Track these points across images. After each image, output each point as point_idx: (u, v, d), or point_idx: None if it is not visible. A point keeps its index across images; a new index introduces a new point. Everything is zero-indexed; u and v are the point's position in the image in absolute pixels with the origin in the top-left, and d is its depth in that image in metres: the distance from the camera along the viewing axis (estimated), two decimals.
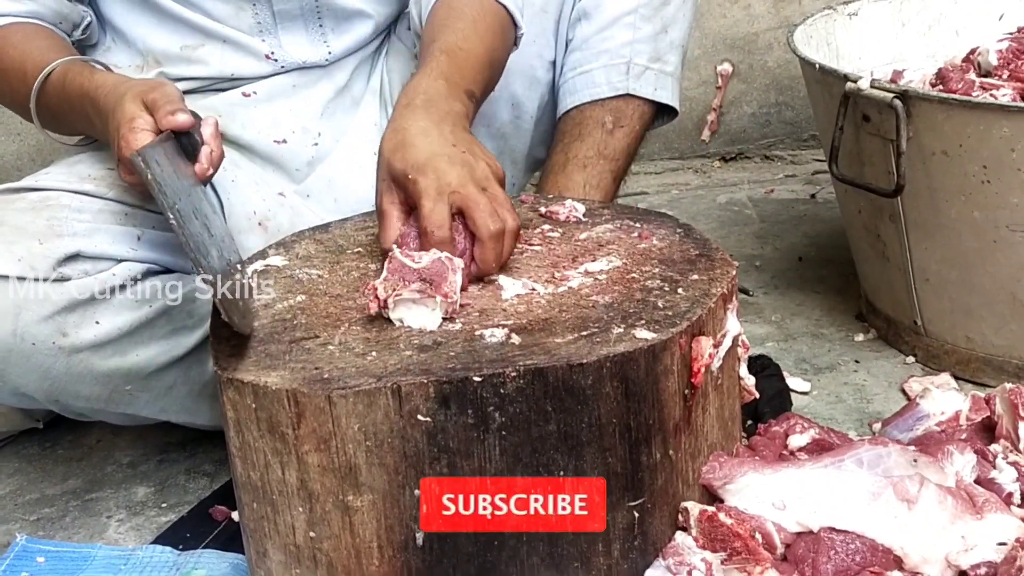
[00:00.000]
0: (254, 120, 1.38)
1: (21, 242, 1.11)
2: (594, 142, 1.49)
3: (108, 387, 1.19)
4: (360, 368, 0.95)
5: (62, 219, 1.15)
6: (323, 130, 1.41)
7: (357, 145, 1.43)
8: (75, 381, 1.16)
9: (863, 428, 1.36)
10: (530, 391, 0.94)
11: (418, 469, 0.95)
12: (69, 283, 1.13)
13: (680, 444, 1.01)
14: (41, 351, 1.13)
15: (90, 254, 1.14)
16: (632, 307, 1.02)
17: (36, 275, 1.11)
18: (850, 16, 1.67)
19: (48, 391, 1.18)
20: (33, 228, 1.13)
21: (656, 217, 1.23)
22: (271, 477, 0.98)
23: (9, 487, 1.37)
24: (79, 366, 1.15)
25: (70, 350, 1.14)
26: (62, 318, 1.12)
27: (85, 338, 1.14)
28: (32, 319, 1.11)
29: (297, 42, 1.39)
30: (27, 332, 1.11)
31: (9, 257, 1.10)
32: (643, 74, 1.47)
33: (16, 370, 1.14)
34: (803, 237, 1.94)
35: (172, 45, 1.36)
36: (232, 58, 1.37)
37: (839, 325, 1.63)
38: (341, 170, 1.41)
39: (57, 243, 1.12)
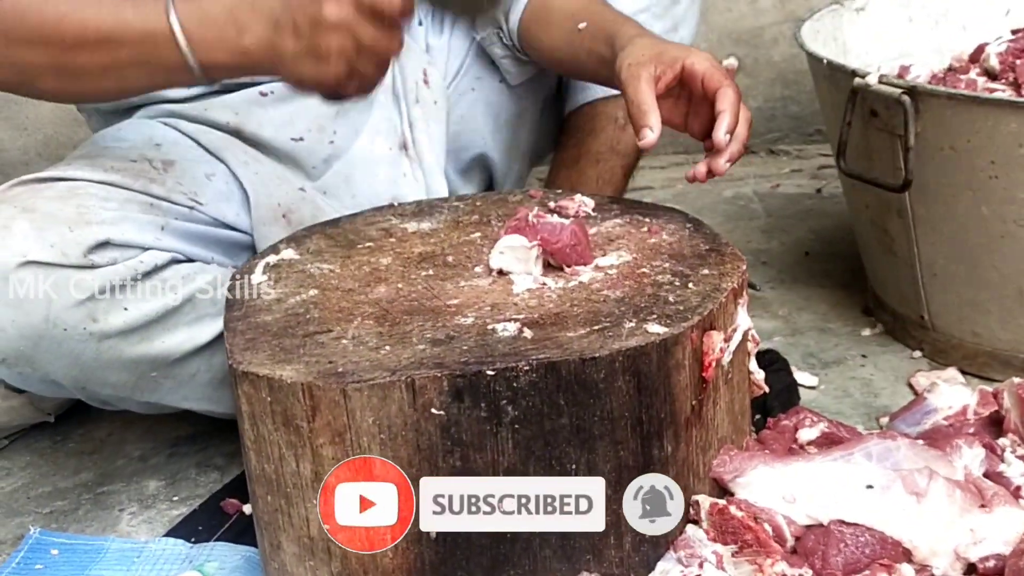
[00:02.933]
0: (271, 118, 1.38)
1: (53, 228, 1.12)
2: (607, 137, 1.50)
3: (135, 374, 1.20)
4: (374, 362, 0.96)
5: (90, 207, 1.16)
6: (338, 128, 1.42)
7: (373, 141, 1.43)
8: (104, 367, 1.18)
9: (870, 422, 1.37)
10: (543, 385, 0.94)
11: (431, 462, 0.95)
12: (99, 270, 1.13)
13: (691, 437, 1.02)
14: (72, 337, 1.14)
15: (118, 242, 1.15)
16: (643, 301, 1.03)
17: (68, 261, 1.12)
18: (857, 11, 1.67)
19: (77, 377, 1.19)
20: (63, 215, 1.14)
21: (665, 212, 1.24)
22: (285, 470, 0.98)
23: (22, 480, 1.38)
24: (108, 352, 1.16)
25: (100, 336, 1.15)
26: (92, 304, 1.13)
27: (114, 324, 1.15)
28: (64, 305, 1.12)
29: None
30: (59, 318, 1.12)
31: (42, 243, 1.11)
32: None
33: (47, 356, 1.15)
34: (809, 232, 1.94)
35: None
36: None
37: (846, 320, 1.63)
38: (358, 167, 1.41)
39: (87, 230, 1.13)
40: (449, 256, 1.15)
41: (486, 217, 1.24)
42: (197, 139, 1.34)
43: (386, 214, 1.26)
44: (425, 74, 1.48)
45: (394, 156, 1.43)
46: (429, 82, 1.48)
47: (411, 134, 1.45)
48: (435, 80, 1.49)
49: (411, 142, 1.45)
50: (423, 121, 1.46)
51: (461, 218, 1.24)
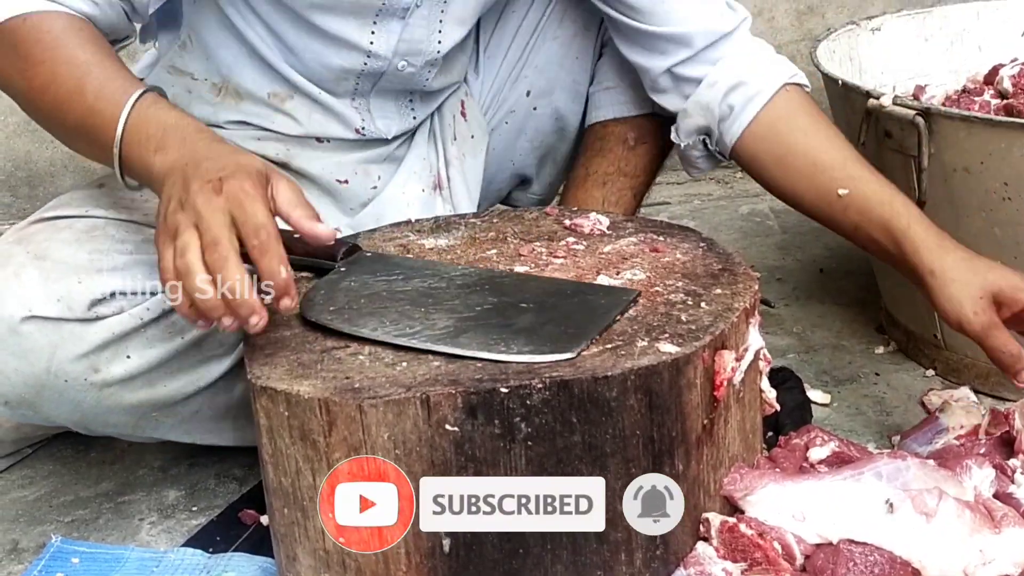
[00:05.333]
0: (320, 157, 1.39)
1: (61, 280, 1.12)
2: (615, 158, 1.49)
3: (136, 415, 1.21)
4: (390, 378, 0.98)
5: (104, 250, 1.16)
6: (383, 173, 1.43)
7: (407, 183, 1.43)
8: (104, 412, 1.19)
9: (883, 440, 1.37)
10: (555, 402, 0.96)
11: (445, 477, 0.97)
12: (103, 321, 1.14)
13: (702, 456, 1.03)
14: (73, 387, 1.15)
15: (127, 291, 1.15)
16: (656, 320, 1.04)
17: (72, 315, 1.12)
18: (873, 31, 1.69)
19: (78, 421, 1.21)
20: (75, 262, 1.14)
21: (679, 231, 1.25)
22: (302, 483, 1.00)
23: (44, 489, 1.40)
24: (109, 399, 1.17)
25: (101, 385, 1.16)
26: (95, 356, 1.14)
27: (115, 373, 1.16)
28: (66, 358, 1.13)
29: (387, 114, 1.39)
30: (60, 370, 1.13)
31: (49, 297, 1.12)
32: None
33: (48, 403, 1.16)
34: (824, 249, 1.95)
35: (259, 88, 1.34)
36: (320, 119, 1.36)
37: (860, 337, 1.64)
38: (389, 208, 1.42)
39: (96, 281, 1.13)
40: None
41: (503, 234, 1.25)
42: None
43: (404, 230, 1.28)
44: (463, 106, 1.48)
45: (427, 197, 1.44)
46: (467, 115, 1.48)
47: (446, 173, 1.46)
48: (473, 113, 1.49)
49: (446, 181, 1.46)
50: (459, 160, 1.46)
51: (478, 235, 1.26)
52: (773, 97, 1.33)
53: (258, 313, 0.96)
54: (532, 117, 1.53)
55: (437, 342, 1.01)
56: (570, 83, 1.51)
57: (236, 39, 1.33)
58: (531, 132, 1.54)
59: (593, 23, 1.49)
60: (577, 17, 1.48)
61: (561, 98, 1.52)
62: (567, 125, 1.54)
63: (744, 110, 1.33)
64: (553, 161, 1.58)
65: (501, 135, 1.54)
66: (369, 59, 1.32)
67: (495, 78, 1.52)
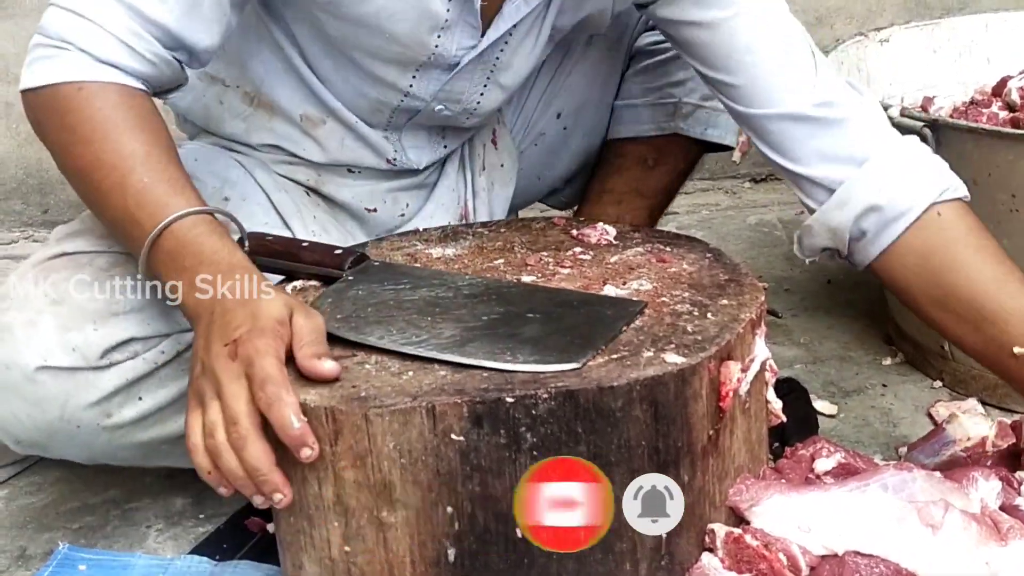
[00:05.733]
0: (350, 185, 1.39)
1: (77, 329, 1.13)
2: (631, 177, 1.49)
3: (145, 450, 1.22)
4: (396, 387, 0.98)
5: (122, 288, 1.16)
6: (411, 200, 1.43)
7: (435, 213, 1.43)
8: (115, 450, 1.20)
9: (889, 452, 1.37)
10: (561, 412, 0.96)
11: (451, 487, 0.97)
12: (117, 367, 1.14)
13: (708, 466, 1.03)
14: (85, 432, 1.16)
15: (142, 336, 1.15)
16: (662, 331, 1.04)
17: (86, 364, 1.13)
18: (881, 42, 1.69)
19: (87, 457, 1.23)
20: (92, 307, 1.14)
21: (686, 241, 1.25)
22: (308, 492, 1.00)
23: (51, 496, 1.41)
24: (120, 440, 1.18)
25: (112, 428, 1.17)
26: (107, 402, 1.15)
27: (127, 416, 1.16)
28: (79, 405, 1.14)
29: (419, 144, 1.38)
30: (73, 417, 1.14)
31: (64, 347, 1.12)
32: (693, 113, 1.46)
33: (59, 446, 1.18)
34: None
35: (292, 106, 1.32)
36: (351, 148, 1.35)
37: (867, 348, 1.64)
38: None
39: (112, 327, 1.14)
40: None
41: (510, 244, 1.26)
42: (270, 196, 1.34)
43: (411, 239, 1.28)
44: (494, 134, 1.48)
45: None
46: (497, 143, 1.48)
47: (473, 203, 1.46)
48: (504, 140, 1.49)
49: (472, 212, 1.46)
50: (486, 191, 1.46)
51: (485, 244, 1.26)
52: (920, 218, 1.17)
53: (281, 491, 0.96)
54: (561, 137, 1.53)
55: (443, 351, 1.01)
56: (598, 100, 1.51)
57: (273, 53, 1.30)
58: (561, 152, 1.54)
59: (622, 42, 1.49)
60: (606, 36, 1.47)
61: (591, 116, 1.51)
62: (595, 139, 1.53)
63: (882, 236, 1.19)
64: (583, 173, 1.58)
65: (530, 156, 1.54)
66: (406, 99, 1.30)
67: (525, 103, 1.52)
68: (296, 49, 1.29)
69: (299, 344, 0.98)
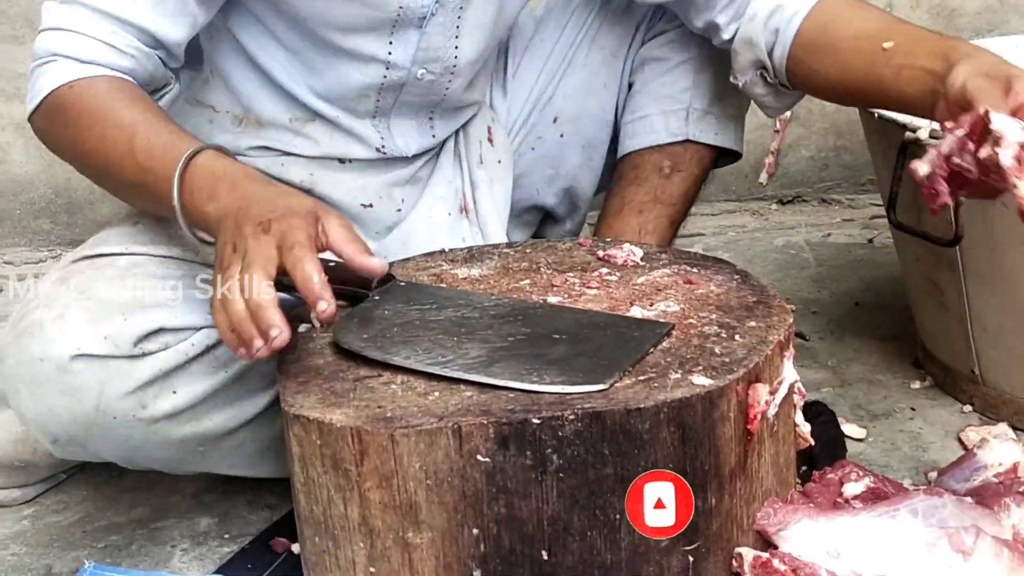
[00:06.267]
0: (344, 181, 1.40)
1: (107, 319, 1.14)
2: (651, 187, 1.50)
3: (182, 450, 1.22)
4: (422, 408, 0.98)
5: (147, 287, 1.18)
6: (406, 195, 1.44)
7: (433, 206, 1.44)
8: (151, 447, 1.20)
9: (918, 476, 1.36)
10: (588, 434, 0.95)
11: (477, 508, 0.97)
12: (150, 358, 1.15)
13: (735, 490, 1.02)
14: (121, 423, 1.16)
15: (172, 327, 1.17)
16: (689, 353, 1.04)
17: (119, 352, 1.14)
18: None
19: (123, 456, 1.22)
20: (120, 300, 1.16)
21: (714, 263, 1.25)
22: (333, 512, 1.00)
23: (78, 514, 1.41)
24: (156, 435, 1.18)
25: (148, 421, 1.17)
26: (142, 392, 1.15)
27: (163, 408, 1.17)
28: (114, 395, 1.14)
29: (406, 131, 1.40)
30: (109, 407, 1.15)
31: (96, 336, 1.13)
32: (703, 118, 1.48)
33: (96, 440, 1.18)
34: (860, 282, 1.94)
35: (280, 115, 1.36)
36: (340, 141, 1.38)
37: (895, 372, 1.63)
38: (416, 232, 1.42)
39: (141, 318, 1.15)
40: None
41: (536, 264, 1.25)
42: None
43: (437, 260, 1.28)
44: (490, 132, 1.49)
45: (453, 221, 1.45)
46: (494, 140, 1.49)
47: (473, 196, 1.47)
48: (499, 138, 1.50)
49: (472, 205, 1.46)
50: (486, 183, 1.47)
51: (511, 264, 1.26)
52: (812, 9, 1.33)
53: (280, 326, 0.99)
54: (558, 144, 1.54)
55: (469, 371, 1.01)
56: (598, 111, 1.52)
57: (255, 70, 1.35)
58: (557, 160, 1.55)
59: (621, 52, 1.50)
60: (606, 45, 1.50)
61: (588, 127, 1.53)
62: (593, 155, 1.55)
63: (787, 29, 1.33)
64: (579, 194, 1.58)
65: (528, 161, 1.55)
66: (388, 70, 1.33)
67: (523, 103, 1.54)
68: (279, 53, 1.33)
69: (341, 241, 1.04)
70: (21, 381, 1.14)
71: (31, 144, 2.15)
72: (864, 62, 1.27)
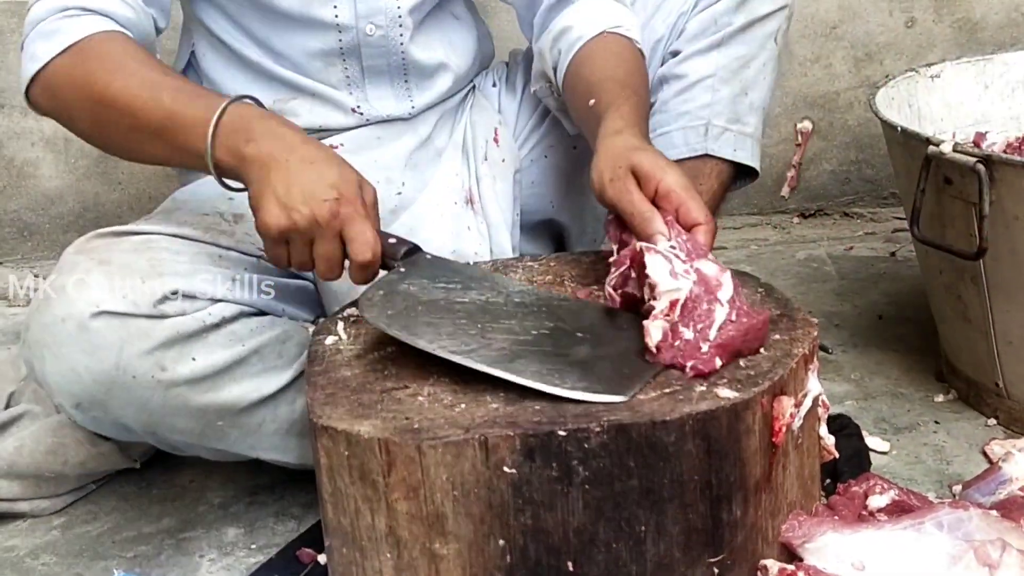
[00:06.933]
0: None
1: (126, 280, 1.18)
2: None
3: (202, 421, 1.24)
4: (449, 419, 0.99)
5: (162, 260, 1.21)
6: (406, 180, 1.47)
7: (439, 195, 1.47)
8: (171, 414, 1.22)
9: (943, 490, 1.36)
10: (613, 446, 0.96)
11: (503, 520, 0.97)
12: (168, 320, 1.18)
13: (760, 502, 1.03)
14: (141, 384, 1.18)
15: (189, 293, 1.20)
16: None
17: (139, 311, 1.17)
18: (932, 78, 1.68)
19: (146, 423, 1.24)
20: (136, 267, 1.19)
21: (738, 276, 1.25)
22: (361, 523, 1.01)
23: (107, 524, 1.42)
24: (176, 400, 1.21)
25: (168, 384, 1.19)
26: (161, 353, 1.18)
27: (182, 373, 1.19)
28: (134, 353, 1.17)
29: (383, 96, 1.46)
30: (129, 365, 1.17)
31: (115, 295, 1.17)
32: (722, 135, 1.49)
33: (117, 401, 1.20)
34: (883, 295, 1.94)
35: (265, 99, 1.39)
36: (320, 111, 1.44)
37: (919, 385, 1.62)
38: (423, 219, 1.45)
39: (158, 281, 1.19)
40: None
41: (559, 277, 1.26)
42: None
43: None
44: (496, 133, 1.53)
45: (459, 210, 1.47)
46: (499, 141, 1.52)
47: (478, 189, 1.49)
48: (505, 140, 1.53)
49: (477, 197, 1.49)
50: (490, 178, 1.50)
51: (535, 277, 1.27)
52: (589, 40, 1.39)
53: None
54: (571, 158, 1.55)
55: (493, 364, 1.02)
56: None
57: (233, 61, 1.42)
58: (569, 171, 1.56)
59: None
60: None
61: None
62: None
63: (568, 52, 1.40)
64: (592, 215, 1.59)
65: (540, 169, 1.57)
66: (341, 33, 1.40)
67: (534, 109, 1.56)
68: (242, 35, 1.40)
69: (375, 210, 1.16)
70: (44, 345, 1.17)
71: (60, 159, 2.18)
72: (581, 110, 1.35)
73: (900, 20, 2.22)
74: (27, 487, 1.43)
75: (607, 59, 1.38)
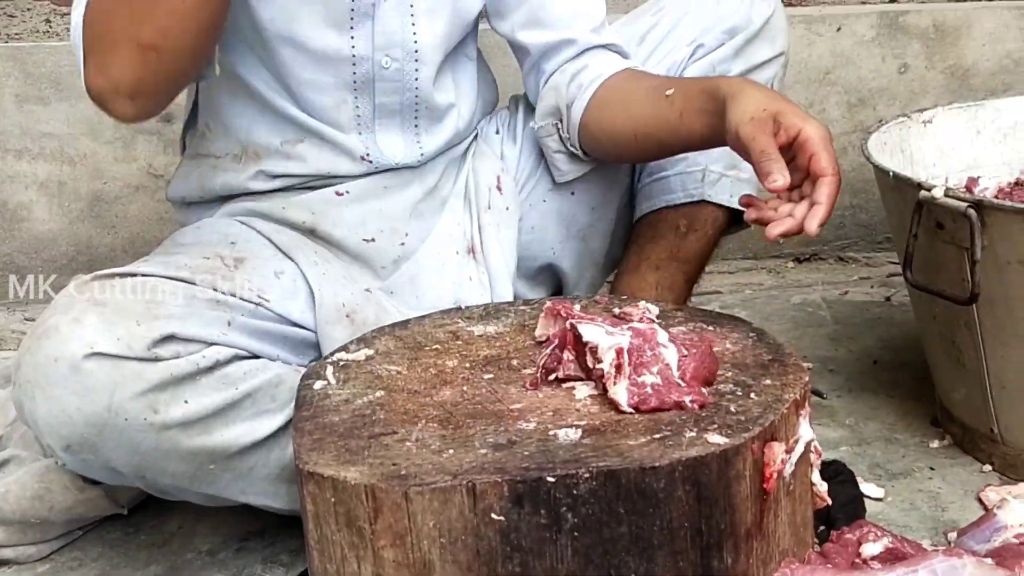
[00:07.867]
0: (345, 218, 1.43)
1: (121, 323, 1.17)
2: (667, 244, 1.52)
3: (193, 465, 1.23)
4: (436, 465, 0.98)
5: (158, 302, 1.21)
6: (410, 230, 1.46)
7: (441, 244, 1.47)
8: (163, 457, 1.21)
9: (938, 537, 1.34)
10: (603, 493, 0.95)
11: (491, 567, 0.96)
12: (162, 363, 1.18)
13: (751, 549, 1.02)
14: (133, 426, 1.17)
15: (183, 336, 1.19)
16: (704, 411, 1.04)
17: (132, 354, 1.16)
18: (924, 123, 1.69)
19: (137, 466, 1.22)
20: (132, 309, 1.19)
21: (729, 321, 1.25)
22: (347, 571, 1.00)
23: (94, 571, 1.41)
24: (167, 443, 1.20)
25: (160, 427, 1.18)
26: (154, 396, 1.17)
27: (174, 416, 1.18)
28: (126, 395, 1.16)
29: (392, 142, 1.44)
30: (121, 407, 1.16)
31: (109, 336, 1.16)
32: (718, 181, 1.50)
33: (109, 444, 1.18)
34: (877, 340, 1.93)
35: (273, 139, 1.42)
36: (329, 156, 1.43)
37: (914, 430, 1.61)
38: (424, 269, 1.45)
39: (153, 324, 1.18)
40: (514, 360, 1.18)
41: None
42: (271, 238, 1.40)
43: (454, 317, 1.29)
44: (499, 180, 1.52)
45: (461, 260, 1.47)
46: (502, 189, 1.52)
47: (480, 238, 1.49)
48: (508, 187, 1.53)
49: (479, 247, 1.49)
50: (493, 227, 1.50)
51: (527, 322, 1.26)
52: (612, 75, 1.44)
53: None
54: (569, 201, 1.55)
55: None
56: (610, 171, 1.54)
57: (245, 98, 1.41)
58: (568, 216, 1.56)
59: None
60: None
61: (598, 185, 1.54)
62: (603, 216, 1.56)
63: (588, 87, 1.44)
64: (591, 260, 1.60)
65: (539, 214, 1.57)
66: (355, 66, 1.39)
67: (531, 152, 1.56)
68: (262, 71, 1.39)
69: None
70: (35, 385, 1.16)
71: (54, 203, 2.19)
72: (651, 110, 1.39)
73: (893, 66, 2.23)
74: (12, 533, 1.41)
75: (642, 76, 1.44)
